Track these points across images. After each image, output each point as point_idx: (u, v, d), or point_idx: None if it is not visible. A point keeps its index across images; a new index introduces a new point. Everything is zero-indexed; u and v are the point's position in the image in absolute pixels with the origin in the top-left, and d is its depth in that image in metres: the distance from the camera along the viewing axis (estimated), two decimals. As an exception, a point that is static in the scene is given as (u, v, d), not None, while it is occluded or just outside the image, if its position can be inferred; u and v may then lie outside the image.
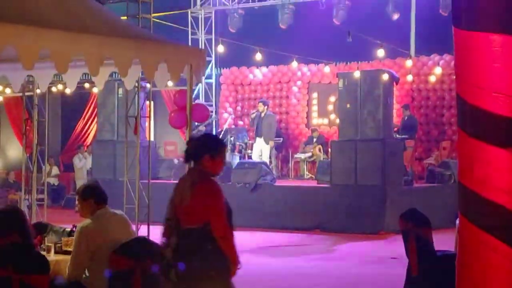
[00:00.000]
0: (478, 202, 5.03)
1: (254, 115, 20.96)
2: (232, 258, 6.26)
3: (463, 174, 5.20)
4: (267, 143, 20.23)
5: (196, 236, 6.02)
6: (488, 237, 4.98)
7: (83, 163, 23.28)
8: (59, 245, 7.97)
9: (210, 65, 23.47)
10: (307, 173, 20.78)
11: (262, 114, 20.37)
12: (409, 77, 21.41)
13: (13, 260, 6.40)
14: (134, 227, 8.50)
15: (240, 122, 24.07)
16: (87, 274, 7.04)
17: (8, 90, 19.80)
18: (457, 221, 5.30)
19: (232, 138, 20.71)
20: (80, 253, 7.11)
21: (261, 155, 20.14)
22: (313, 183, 19.01)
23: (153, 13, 18.76)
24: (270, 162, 20.22)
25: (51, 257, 7.43)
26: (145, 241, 7.69)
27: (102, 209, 7.24)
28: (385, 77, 18.02)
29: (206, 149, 6.13)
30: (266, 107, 20.66)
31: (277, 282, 11.31)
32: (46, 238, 8.18)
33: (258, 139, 20.38)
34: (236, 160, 20.05)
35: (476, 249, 5.06)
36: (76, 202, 7.77)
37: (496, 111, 4.97)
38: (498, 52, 4.97)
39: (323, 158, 19.98)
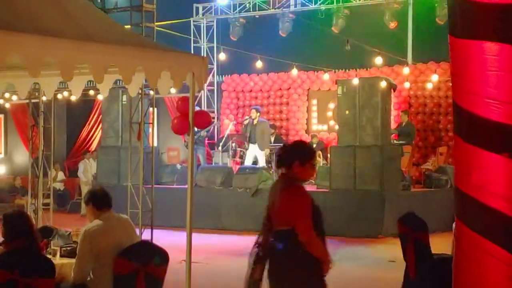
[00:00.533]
0: (474, 207, 5.04)
1: (246, 121, 20.91)
2: (322, 259, 6.22)
3: (460, 179, 5.21)
4: (262, 150, 20.21)
5: (286, 237, 6.12)
6: (484, 241, 4.98)
7: (83, 168, 23.30)
8: (64, 248, 7.99)
9: (212, 72, 23.49)
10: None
11: (255, 121, 20.28)
12: (407, 84, 21.46)
13: (19, 264, 6.41)
14: (137, 231, 8.48)
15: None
16: (92, 277, 7.05)
17: (14, 97, 19.86)
18: (454, 225, 5.31)
19: (234, 145, 20.74)
20: (84, 256, 7.11)
21: (255, 161, 20.13)
22: (313, 188, 18.97)
23: (156, 22, 18.86)
24: (270, 167, 20.22)
25: (57, 260, 7.44)
26: (148, 244, 7.69)
27: (106, 213, 7.25)
28: (383, 84, 18.05)
29: (296, 156, 6.28)
30: (259, 114, 20.62)
31: None
32: (52, 242, 8.19)
33: (251, 145, 20.33)
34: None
35: (473, 253, 5.06)
36: (83, 207, 7.81)
37: (492, 117, 4.98)
38: (492, 60, 4.98)
39: (323, 164, 19.99)
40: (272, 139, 21.37)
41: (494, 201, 4.96)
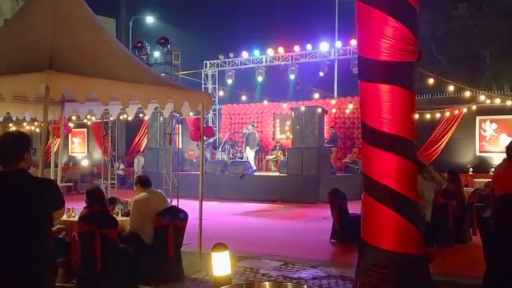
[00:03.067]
0: (375, 185, 5.04)
1: (245, 130, 21.02)
2: None
3: (366, 168, 5.22)
4: (252, 149, 20.33)
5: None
6: (380, 205, 4.99)
7: (136, 162, 23.38)
8: (124, 211, 7.95)
9: (215, 103, 23.47)
10: (273, 168, 20.72)
11: (250, 132, 20.41)
12: (334, 110, 21.49)
13: (96, 220, 6.40)
14: (169, 200, 8.45)
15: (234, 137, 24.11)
16: (140, 228, 7.02)
17: (93, 118, 19.70)
18: (362, 196, 5.32)
19: (228, 147, 20.74)
20: (135, 215, 7.10)
21: (247, 158, 20.17)
22: (277, 174, 19.00)
23: (180, 71, 18.81)
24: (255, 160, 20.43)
25: (119, 218, 7.40)
26: (175, 208, 7.67)
27: (148, 189, 7.24)
28: (319, 110, 18.11)
29: None
30: (253, 128, 20.77)
31: (256, 234, 11.26)
32: (116, 207, 8.15)
33: (247, 147, 20.42)
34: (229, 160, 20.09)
35: (374, 213, 5.06)
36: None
37: (384, 130, 5.00)
38: (384, 95, 5.00)
39: (283, 159, 19.93)
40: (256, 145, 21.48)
41: (386, 181, 4.97)
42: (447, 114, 19.55)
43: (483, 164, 19.07)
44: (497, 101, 18.54)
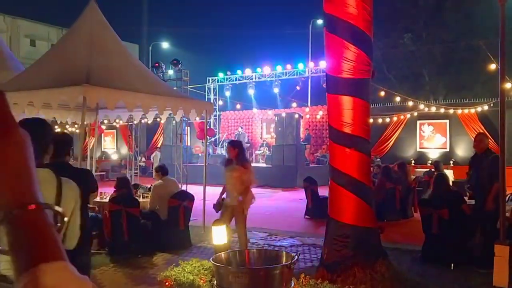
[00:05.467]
0: (338, 173, 5.06)
1: (236, 132, 20.94)
2: None
3: (332, 160, 5.24)
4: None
5: None
6: (343, 189, 5.01)
7: (154, 155, 23.18)
8: (145, 194, 7.92)
9: (215, 110, 23.39)
10: (261, 160, 20.67)
11: (240, 133, 20.33)
12: (307, 116, 21.47)
13: (123, 201, 6.36)
14: (179, 185, 8.42)
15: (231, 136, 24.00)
16: (157, 207, 7.00)
17: (121, 122, 19.55)
18: (329, 182, 5.35)
19: (226, 144, 20.61)
20: (154, 197, 7.07)
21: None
22: (264, 165, 18.98)
23: (189, 85, 18.77)
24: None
25: (141, 200, 7.37)
26: (185, 192, 7.65)
27: (165, 177, 7.21)
28: (296, 115, 18.11)
29: None
30: (242, 129, 20.67)
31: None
32: (138, 191, 8.12)
33: (238, 146, 20.31)
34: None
35: (338, 195, 5.08)
36: (154, 174, 7.71)
37: (346, 131, 5.02)
38: (346, 104, 5.02)
39: (268, 153, 19.91)
40: (246, 142, 21.37)
41: (347, 170, 5.00)
42: (395, 119, 19.67)
43: (422, 157, 19.22)
44: (433, 109, 18.71)
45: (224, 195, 6.00)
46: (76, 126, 20.20)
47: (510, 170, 7.37)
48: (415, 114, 19.07)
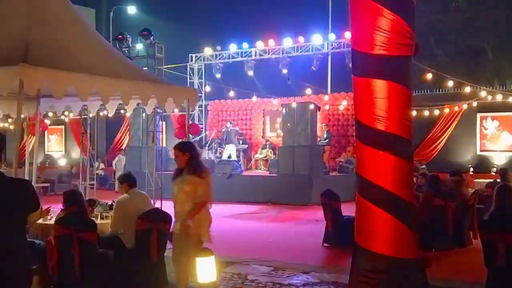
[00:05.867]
0: (368, 185, 5.08)
1: (224, 129, 21.00)
2: None
3: (359, 168, 5.25)
4: (236, 146, 20.34)
5: None
6: (375, 207, 5.02)
7: (117, 161, 23.18)
8: (104, 214, 7.92)
9: (201, 99, 23.42)
10: (262, 167, 20.73)
11: (229, 129, 20.38)
12: (327, 106, 21.49)
13: (74, 223, 6.37)
14: (152, 201, 8.43)
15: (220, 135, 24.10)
16: (122, 231, 6.99)
17: (71, 115, 19.57)
18: (356, 197, 5.34)
19: (215, 145, 20.72)
20: (118, 217, 7.06)
21: (230, 156, 20.08)
22: (267, 173, 19.02)
23: (164, 65, 18.80)
24: (239, 160, 20.25)
25: (98, 221, 7.37)
26: (159, 210, 7.64)
27: (133, 189, 7.20)
28: (311, 106, 18.15)
29: None
30: (231, 125, 20.73)
31: (244, 237, 11.26)
32: (95, 209, 8.11)
33: (227, 145, 20.31)
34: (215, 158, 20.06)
35: (368, 215, 5.10)
36: (116, 185, 7.73)
37: (378, 127, 5.03)
38: (379, 91, 5.03)
39: (273, 158, 19.96)
40: (240, 142, 21.35)
41: (381, 182, 5.01)
42: (446, 111, 19.67)
43: (484, 163, 19.21)
44: (499, 97, 18.66)
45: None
46: (9, 120, 20.18)
47: None
48: (474, 104, 19.09)
